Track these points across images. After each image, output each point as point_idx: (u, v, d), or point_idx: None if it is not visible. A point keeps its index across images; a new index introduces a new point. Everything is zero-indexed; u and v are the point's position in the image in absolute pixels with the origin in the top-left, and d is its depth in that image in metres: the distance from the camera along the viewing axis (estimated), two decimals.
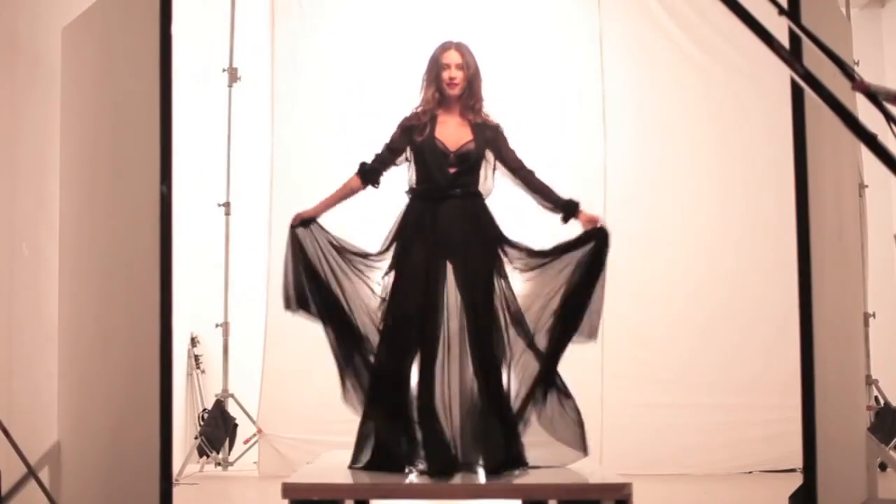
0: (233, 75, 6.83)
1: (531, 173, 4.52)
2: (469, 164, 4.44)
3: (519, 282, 4.43)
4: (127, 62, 4.27)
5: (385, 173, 4.51)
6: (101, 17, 4.55)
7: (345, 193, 4.51)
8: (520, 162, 4.53)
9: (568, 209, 4.46)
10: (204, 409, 6.78)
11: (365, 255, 4.45)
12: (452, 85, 4.48)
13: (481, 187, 4.47)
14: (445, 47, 4.53)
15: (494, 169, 4.50)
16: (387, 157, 4.51)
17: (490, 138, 4.50)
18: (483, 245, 4.40)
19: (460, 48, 4.53)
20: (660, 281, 6.64)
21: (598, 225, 4.41)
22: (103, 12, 4.54)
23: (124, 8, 4.33)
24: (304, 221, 4.43)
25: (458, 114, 4.51)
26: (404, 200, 4.52)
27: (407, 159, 4.50)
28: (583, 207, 4.47)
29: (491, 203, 4.54)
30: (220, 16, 6.92)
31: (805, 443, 3.78)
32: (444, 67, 4.49)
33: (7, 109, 4.81)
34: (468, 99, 4.49)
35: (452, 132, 4.47)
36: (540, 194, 4.50)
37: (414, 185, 4.47)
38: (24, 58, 4.95)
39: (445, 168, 4.41)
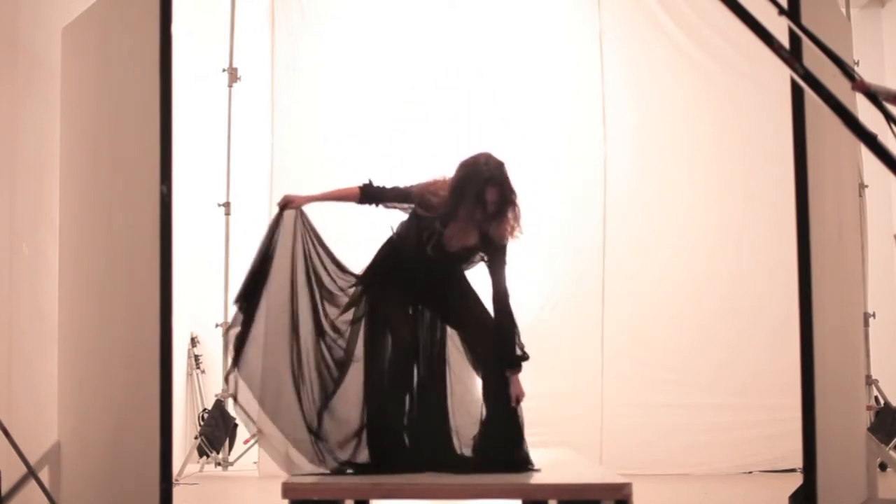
0: (233, 75, 6.83)
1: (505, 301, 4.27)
2: (460, 261, 4.32)
3: None
4: (127, 62, 4.28)
5: (383, 205, 4.35)
6: (101, 17, 4.55)
7: (341, 196, 4.39)
8: (502, 281, 4.26)
9: (512, 362, 4.26)
10: (204, 409, 6.78)
11: (339, 266, 4.37)
12: (487, 213, 4.18)
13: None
14: (490, 181, 4.13)
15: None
16: (392, 198, 4.32)
17: (489, 246, 4.27)
18: (459, 286, 4.35)
19: (500, 182, 4.16)
20: (660, 281, 6.64)
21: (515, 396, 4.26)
22: (103, 12, 4.54)
23: (124, 8, 4.33)
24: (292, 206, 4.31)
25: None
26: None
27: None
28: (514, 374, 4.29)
29: None
30: (220, 16, 6.92)
31: (805, 443, 3.78)
32: (484, 192, 4.14)
33: (7, 109, 4.81)
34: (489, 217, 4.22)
35: (458, 234, 4.23)
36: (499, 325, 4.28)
37: (399, 249, 4.35)
38: (24, 58, 4.95)
39: (434, 259, 4.26)
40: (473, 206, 4.14)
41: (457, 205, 4.16)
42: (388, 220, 4.41)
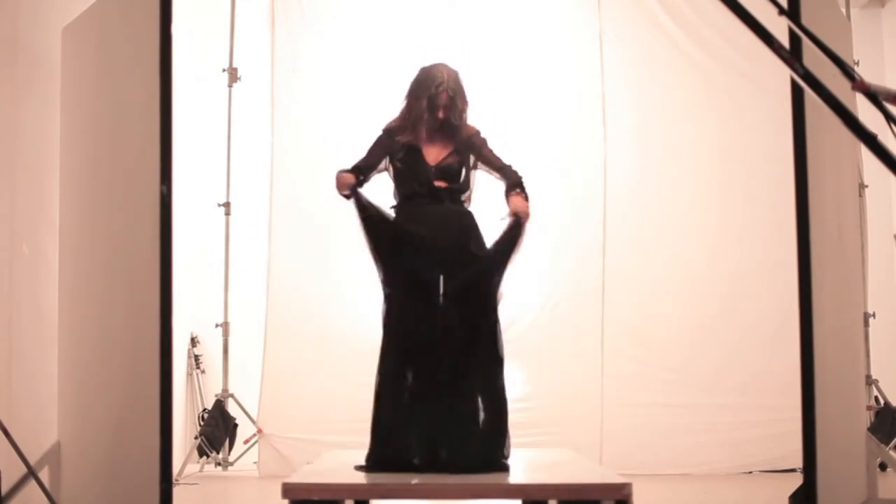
0: (233, 75, 6.83)
1: (513, 171, 4.51)
2: (453, 175, 4.42)
3: None
4: (127, 62, 4.28)
5: (371, 175, 4.49)
6: (101, 17, 4.55)
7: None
8: (500, 161, 4.52)
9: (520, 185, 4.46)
10: (204, 409, 6.78)
11: None
12: (438, 119, 4.43)
13: (464, 196, 4.47)
14: (438, 81, 4.43)
15: (474, 169, 4.50)
16: (372, 155, 4.51)
17: (467, 142, 4.48)
18: (473, 257, 4.38)
19: (449, 81, 4.44)
20: (660, 281, 6.64)
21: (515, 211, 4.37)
22: (103, 12, 4.54)
23: (124, 8, 4.34)
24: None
25: (440, 130, 4.46)
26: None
27: (387, 170, 4.49)
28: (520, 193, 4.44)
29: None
30: (220, 16, 6.92)
31: (805, 443, 3.78)
32: (436, 97, 4.42)
33: (7, 109, 4.81)
34: (449, 127, 4.45)
35: (431, 146, 4.44)
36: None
37: (398, 199, 4.47)
38: (24, 58, 4.95)
39: (429, 182, 4.38)
40: (425, 109, 4.38)
41: (411, 108, 4.43)
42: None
